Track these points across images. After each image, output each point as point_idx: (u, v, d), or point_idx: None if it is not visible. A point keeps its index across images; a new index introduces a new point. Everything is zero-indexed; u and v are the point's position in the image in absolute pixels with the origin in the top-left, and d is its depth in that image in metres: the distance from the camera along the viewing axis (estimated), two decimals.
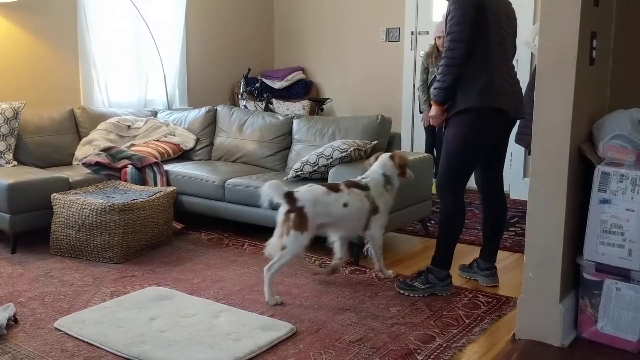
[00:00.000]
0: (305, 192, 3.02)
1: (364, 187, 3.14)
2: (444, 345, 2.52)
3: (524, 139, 4.06)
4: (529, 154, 2.75)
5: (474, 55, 2.82)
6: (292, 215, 2.93)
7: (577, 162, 2.49)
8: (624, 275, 2.43)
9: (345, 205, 3.06)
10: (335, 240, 3.29)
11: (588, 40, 2.44)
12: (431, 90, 2.96)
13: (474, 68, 2.83)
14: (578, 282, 2.58)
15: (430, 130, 5.27)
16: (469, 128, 2.88)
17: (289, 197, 2.96)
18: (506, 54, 2.93)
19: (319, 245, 3.81)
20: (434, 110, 2.98)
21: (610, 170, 2.42)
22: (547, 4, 2.41)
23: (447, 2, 2.90)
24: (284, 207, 2.97)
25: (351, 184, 3.15)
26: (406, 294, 3.06)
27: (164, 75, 5.44)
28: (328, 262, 3.55)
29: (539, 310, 2.54)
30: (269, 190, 2.93)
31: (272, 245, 3.01)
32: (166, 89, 5.48)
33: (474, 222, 4.39)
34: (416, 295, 3.04)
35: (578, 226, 2.55)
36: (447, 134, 2.99)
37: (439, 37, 4.94)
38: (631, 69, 2.68)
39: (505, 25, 2.92)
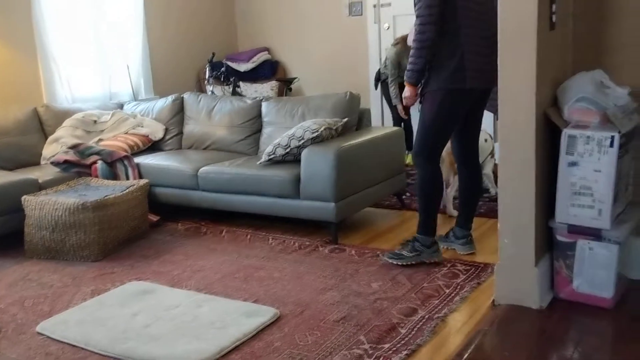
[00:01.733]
0: None
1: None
2: (426, 316, 2.56)
3: (493, 105, 4.09)
4: (497, 119, 2.78)
5: (445, 36, 2.84)
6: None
7: (543, 127, 2.53)
8: (595, 235, 2.49)
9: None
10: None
11: (547, 5, 2.46)
12: (405, 72, 3.03)
13: (446, 49, 2.86)
14: (552, 245, 2.64)
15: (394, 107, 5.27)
16: (441, 105, 2.95)
17: None
18: (485, 26, 2.92)
19: (299, 227, 3.84)
20: (407, 91, 3.04)
21: (576, 133, 2.46)
22: None
23: None
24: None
25: None
26: (395, 262, 3.13)
27: (127, 66, 5.34)
28: (308, 243, 3.57)
29: (516, 275, 2.59)
30: None
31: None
32: (130, 79, 5.38)
33: None
34: (405, 263, 3.10)
35: (549, 190, 2.59)
36: (422, 107, 3.07)
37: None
38: (591, 31, 2.70)
39: (476, 3, 2.91)
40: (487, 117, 5.13)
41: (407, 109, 5.22)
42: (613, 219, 2.48)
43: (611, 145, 2.39)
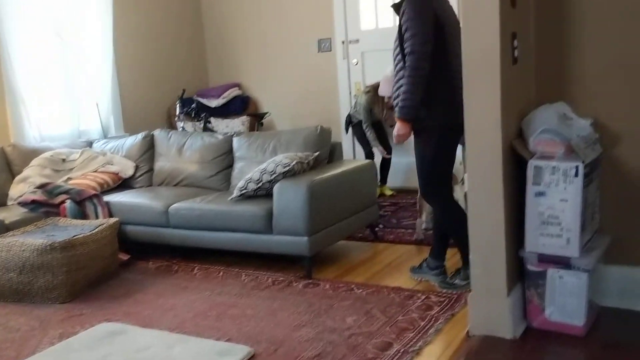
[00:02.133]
0: None
1: None
2: (402, 350, 2.55)
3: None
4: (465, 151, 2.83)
5: (436, 70, 2.89)
6: None
7: (510, 158, 2.58)
8: (564, 263, 2.53)
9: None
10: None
11: (509, 40, 2.53)
12: (396, 108, 3.01)
13: (437, 83, 2.90)
14: (523, 274, 2.66)
15: (365, 141, 5.33)
16: (440, 141, 2.99)
17: None
18: (461, 62, 2.98)
19: (272, 263, 3.81)
20: (402, 128, 3.01)
21: (542, 163, 2.51)
22: (467, 8, 2.49)
23: (397, 18, 2.99)
24: None
25: None
26: (449, 291, 3.14)
27: (97, 103, 5.31)
28: (282, 278, 3.55)
29: (489, 305, 2.60)
30: None
31: None
32: (100, 117, 5.35)
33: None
34: (458, 292, 3.11)
35: (518, 220, 2.63)
36: (418, 148, 3.09)
37: (390, 97, 5.08)
38: (552, 64, 2.79)
39: (457, 35, 2.98)
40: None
41: (388, 148, 5.30)
42: (581, 247, 2.52)
43: (576, 175, 2.44)
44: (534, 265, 2.60)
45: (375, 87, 5.14)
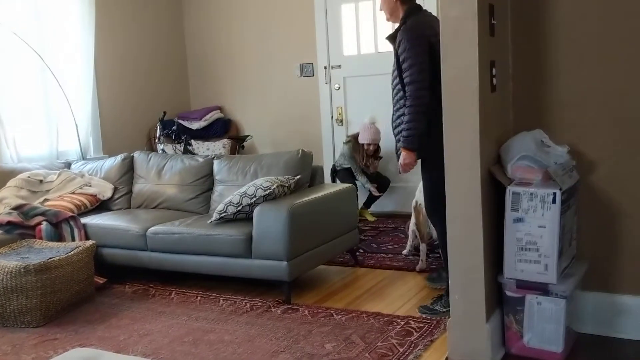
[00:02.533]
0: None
1: None
2: None
3: None
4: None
5: (433, 97, 2.90)
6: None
7: (489, 184, 2.60)
8: (542, 289, 2.54)
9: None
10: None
11: (488, 68, 2.57)
12: (401, 137, 3.06)
13: (437, 109, 2.91)
14: (502, 300, 2.67)
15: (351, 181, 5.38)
16: (442, 167, 2.97)
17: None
18: None
19: (251, 287, 3.78)
20: (407, 157, 3.05)
21: (520, 190, 2.54)
22: (446, 37, 2.53)
23: (392, 47, 3.06)
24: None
25: None
26: (429, 317, 3.15)
27: (76, 124, 5.27)
28: (260, 303, 3.51)
29: (467, 331, 2.60)
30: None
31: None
32: (79, 138, 5.30)
33: (400, 248, 4.47)
34: (437, 318, 3.11)
35: (497, 246, 2.64)
36: (425, 173, 3.15)
37: (370, 144, 5.25)
38: (530, 92, 2.83)
39: None
40: (418, 168, 5.35)
41: (381, 187, 5.41)
42: (559, 274, 2.53)
43: (553, 201, 2.47)
44: (512, 291, 2.61)
45: (355, 137, 5.37)
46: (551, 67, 2.77)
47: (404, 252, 4.31)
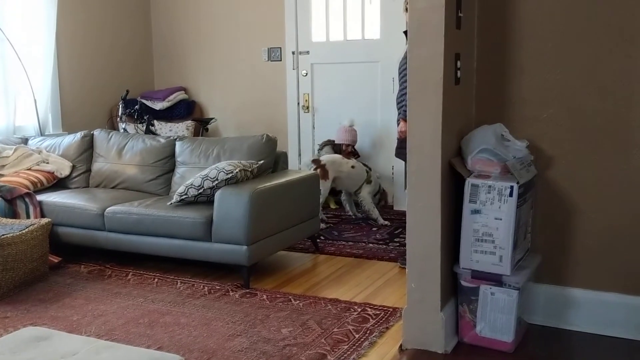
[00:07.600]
0: (326, 157, 4.94)
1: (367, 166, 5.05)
2: None
3: (403, 153, 4.24)
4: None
5: None
6: (318, 170, 4.62)
7: (448, 175, 2.63)
8: (496, 280, 2.59)
9: (352, 167, 4.89)
10: (344, 198, 5.12)
11: (453, 61, 2.59)
12: (401, 111, 3.68)
13: None
14: (457, 290, 2.71)
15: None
16: None
17: (316, 160, 4.84)
18: None
19: (210, 271, 3.75)
20: (405, 126, 3.41)
21: (478, 182, 2.58)
22: (412, 28, 2.54)
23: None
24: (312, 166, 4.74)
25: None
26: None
27: (35, 99, 5.12)
28: (218, 287, 3.50)
29: (422, 319, 2.64)
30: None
31: None
32: (37, 113, 5.16)
33: (361, 236, 4.50)
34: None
35: (454, 236, 2.68)
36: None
37: (348, 145, 5.33)
38: (493, 86, 2.87)
39: None
40: (384, 157, 5.42)
41: None
42: (513, 265, 2.59)
43: (510, 194, 2.51)
44: (467, 281, 2.66)
45: (326, 143, 5.48)
46: (515, 62, 2.81)
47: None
